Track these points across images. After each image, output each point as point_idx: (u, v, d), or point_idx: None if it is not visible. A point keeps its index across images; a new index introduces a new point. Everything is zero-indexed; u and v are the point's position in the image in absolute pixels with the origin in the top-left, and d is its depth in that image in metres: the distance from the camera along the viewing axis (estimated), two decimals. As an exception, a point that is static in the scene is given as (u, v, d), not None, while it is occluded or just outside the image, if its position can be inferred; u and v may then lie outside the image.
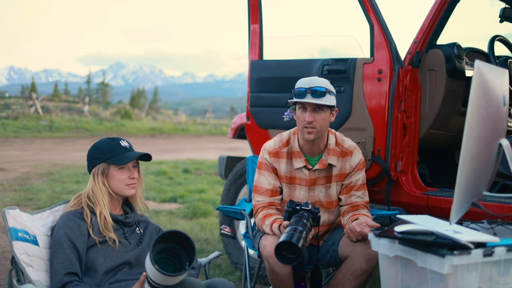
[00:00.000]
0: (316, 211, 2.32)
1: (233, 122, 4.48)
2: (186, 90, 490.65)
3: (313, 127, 2.47)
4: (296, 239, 2.12)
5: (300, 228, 2.19)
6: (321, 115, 2.47)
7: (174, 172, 9.93)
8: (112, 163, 2.17)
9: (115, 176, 2.18)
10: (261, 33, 3.69)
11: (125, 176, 2.19)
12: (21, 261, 1.97)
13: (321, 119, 2.47)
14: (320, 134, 2.51)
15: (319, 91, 2.43)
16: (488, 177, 2.00)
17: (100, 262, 2.07)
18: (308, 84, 2.46)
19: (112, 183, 2.19)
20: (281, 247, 2.15)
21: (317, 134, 2.49)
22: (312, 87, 2.44)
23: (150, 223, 2.34)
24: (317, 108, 2.46)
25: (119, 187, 2.19)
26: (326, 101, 2.44)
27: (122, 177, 2.19)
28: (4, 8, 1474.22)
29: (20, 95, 31.74)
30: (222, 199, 4.07)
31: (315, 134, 2.48)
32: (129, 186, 2.21)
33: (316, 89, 2.44)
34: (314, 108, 2.46)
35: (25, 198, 6.47)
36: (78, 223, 2.10)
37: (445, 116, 3.29)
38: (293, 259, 2.15)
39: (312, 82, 2.46)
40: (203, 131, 25.83)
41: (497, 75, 1.87)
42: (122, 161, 2.17)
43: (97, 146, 2.23)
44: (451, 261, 1.62)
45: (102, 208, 2.14)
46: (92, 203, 2.16)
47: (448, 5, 3.02)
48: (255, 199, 2.63)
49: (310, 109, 2.46)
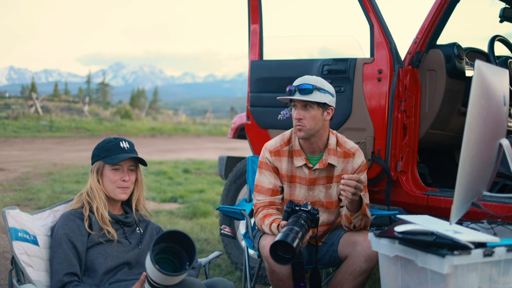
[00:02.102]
0: (315, 212, 2.32)
1: (233, 122, 4.48)
2: (186, 90, 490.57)
3: (302, 124, 2.49)
4: (291, 239, 2.12)
5: (297, 229, 2.18)
6: (310, 112, 2.48)
7: (174, 172, 9.93)
8: (106, 162, 2.18)
9: (108, 175, 2.19)
10: (261, 33, 3.69)
11: (118, 177, 2.18)
12: (21, 261, 1.97)
13: (310, 117, 2.48)
14: (311, 133, 2.51)
15: (307, 89, 2.46)
16: (488, 177, 2.00)
17: (100, 263, 2.07)
18: (298, 82, 2.51)
19: (105, 183, 2.19)
20: (277, 246, 2.14)
21: (307, 132, 2.50)
22: (301, 85, 2.48)
23: (150, 223, 2.34)
24: (306, 106, 2.48)
25: (110, 187, 2.19)
26: (312, 98, 2.45)
27: (114, 177, 2.18)
28: (4, 8, 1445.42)
29: (20, 95, 31.75)
30: (222, 199, 4.07)
31: (304, 132, 2.50)
32: (120, 189, 2.19)
33: (304, 86, 2.47)
34: (302, 106, 2.49)
35: (25, 198, 6.47)
36: (78, 223, 2.10)
37: (445, 116, 3.29)
38: (288, 259, 2.14)
39: (302, 80, 2.50)
40: (203, 131, 25.83)
41: (497, 75, 1.87)
42: (113, 161, 2.17)
43: (99, 144, 2.25)
44: (451, 261, 1.62)
45: (98, 204, 2.15)
46: (91, 198, 2.17)
47: (448, 5, 3.02)
48: (256, 198, 2.63)
49: (299, 107, 2.50)
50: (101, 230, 2.12)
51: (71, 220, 2.10)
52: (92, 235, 2.10)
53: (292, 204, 2.35)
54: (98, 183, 2.18)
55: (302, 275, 2.43)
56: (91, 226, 2.11)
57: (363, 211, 2.44)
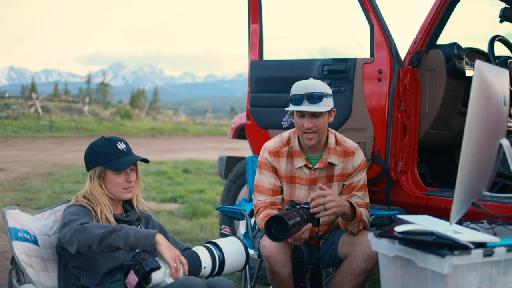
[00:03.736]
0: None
1: (233, 122, 4.48)
2: (186, 90, 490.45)
3: (313, 131, 2.45)
4: (288, 218, 2.15)
5: (294, 213, 2.22)
6: (320, 120, 2.45)
7: (174, 172, 9.93)
8: (109, 168, 2.14)
9: (112, 180, 2.16)
10: (261, 33, 3.68)
11: (122, 180, 2.17)
12: (21, 261, 1.97)
13: (320, 123, 2.45)
14: (321, 137, 2.51)
15: (316, 95, 2.39)
16: (488, 177, 2.00)
17: (102, 264, 2.07)
18: (304, 90, 2.42)
19: (109, 187, 2.17)
20: (272, 223, 2.18)
21: (318, 138, 2.49)
22: (308, 92, 2.40)
23: (151, 219, 2.33)
24: (316, 114, 2.43)
25: (115, 190, 2.17)
26: (323, 107, 2.41)
27: (119, 181, 2.16)
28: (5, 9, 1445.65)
29: (20, 95, 31.74)
30: (222, 199, 4.07)
31: (315, 139, 2.48)
32: (126, 190, 2.19)
33: (313, 94, 2.39)
34: (312, 115, 2.43)
35: (25, 198, 6.47)
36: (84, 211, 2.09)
37: (445, 116, 3.29)
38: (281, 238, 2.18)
39: (308, 87, 2.42)
40: (203, 131, 25.82)
41: (497, 75, 1.87)
42: (119, 167, 2.13)
43: (93, 147, 2.18)
44: (451, 261, 1.62)
45: (103, 208, 2.13)
46: (92, 202, 2.14)
47: (448, 5, 3.02)
48: (257, 198, 2.63)
49: (308, 116, 2.43)
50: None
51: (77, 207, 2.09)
52: None
53: (293, 203, 2.36)
54: (101, 188, 2.16)
55: (302, 275, 2.43)
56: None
57: (358, 218, 2.44)
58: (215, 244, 2.14)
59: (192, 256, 2.03)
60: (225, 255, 2.11)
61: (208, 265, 2.05)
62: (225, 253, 2.11)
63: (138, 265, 1.85)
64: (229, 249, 2.13)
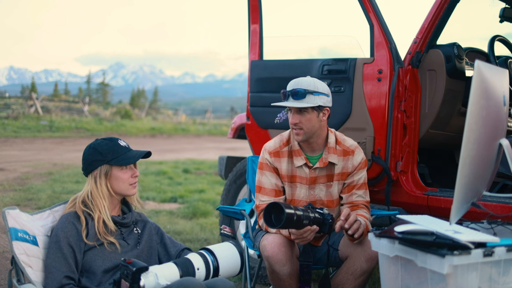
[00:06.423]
0: (328, 218, 2.33)
1: (233, 122, 4.48)
2: (186, 90, 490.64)
3: (299, 128, 2.50)
4: (287, 207, 2.16)
5: (300, 209, 2.23)
6: (305, 116, 2.48)
7: (174, 172, 9.93)
8: (115, 164, 2.14)
9: (119, 176, 2.16)
10: (261, 33, 3.69)
11: (128, 175, 2.17)
12: (20, 261, 1.97)
13: (306, 120, 2.48)
14: (309, 135, 2.52)
15: (299, 92, 2.45)
16: (488, 177, 2.00)
17: (98, 264, 2.06)
18: (291, 86, 2.49)
19: (116, 184, 2.16)
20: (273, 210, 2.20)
21: (305, 135, 2.51)
22: (294, 89, 2.47)
23: (148, 222, 2.32)
24: (300, 110, 2.48)
25: (123, 187, 2.17)
26: (305, 103, 2.44)
27: (125, 176, 2.17)
28: (5, 9, 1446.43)
29: (20, 95, 31.76)
30: (222, 199, 4.07)
31: (302, 135, 2.51)
32: (133, 185, 2.20)
33: (296, 90, 2.46)
34: (297, 110, 2.49)
35: (25, 198, 6.47)
36: (76, 226, 2.08)
37: (445, 116, 3.29)
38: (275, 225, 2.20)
39: (295, 84, 2.49)
40: (203, 131, 25.82)
41: (497, 75, 1.87)
42: (127, 161, 2.15)
43: (95, 148, 2.17)
44: (451, 261, 1.62)
45: (101, 212, 2.12)
46: (89, 208, 2.13)
47: (448, 5, 3.02)
48: (259, 199, 2.62)
49: (294, 111, 2.50)
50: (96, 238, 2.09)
51: (70, 223, 2.08)
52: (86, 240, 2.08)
53: (310, 205, 2.38)
54: (106, 188, 2.14)
55: (309, 279, 2.43)
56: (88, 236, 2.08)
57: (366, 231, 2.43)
58: (209, 250, 2.12)
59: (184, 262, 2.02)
60: (219, 261, 2.08)
61: (202, 267, 2.03)
62: (219, 259, 2.08)
63: (125, 269, 1.85)
64: (223, 255, 2.10)
